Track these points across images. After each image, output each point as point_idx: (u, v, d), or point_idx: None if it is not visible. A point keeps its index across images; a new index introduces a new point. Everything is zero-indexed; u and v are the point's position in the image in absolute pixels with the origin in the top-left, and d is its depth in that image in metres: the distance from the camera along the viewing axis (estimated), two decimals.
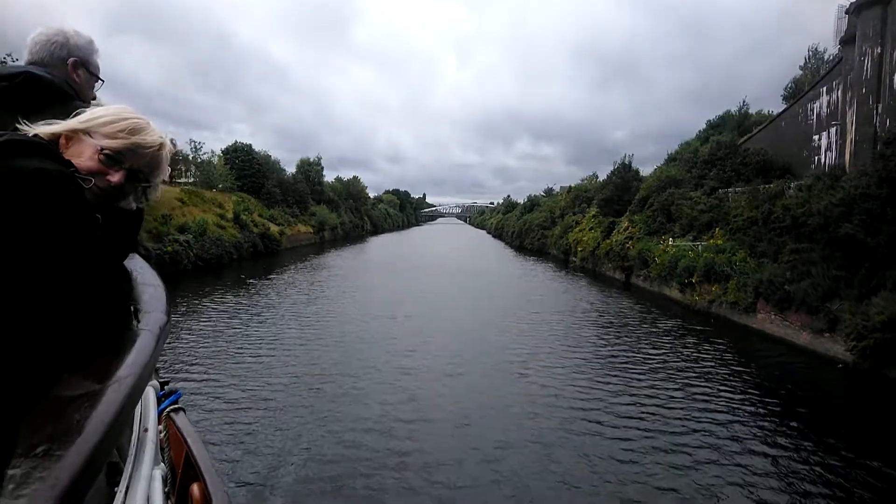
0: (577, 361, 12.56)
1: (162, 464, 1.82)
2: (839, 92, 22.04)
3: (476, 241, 72.24)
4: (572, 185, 63.41)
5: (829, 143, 24.77)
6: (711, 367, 12.63)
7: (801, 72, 42.83)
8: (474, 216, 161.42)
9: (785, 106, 31.69)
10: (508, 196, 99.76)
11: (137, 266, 1.80)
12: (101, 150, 1.16)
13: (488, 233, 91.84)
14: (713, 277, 18.55)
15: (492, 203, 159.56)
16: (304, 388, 10.53)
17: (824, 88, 24.86)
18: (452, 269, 32.35)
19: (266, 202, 50.49)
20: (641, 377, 11.63)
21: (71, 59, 1.71)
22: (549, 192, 67.29)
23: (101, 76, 1.83)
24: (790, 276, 14.74)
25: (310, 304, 19.55)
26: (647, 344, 14.48)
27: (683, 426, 9.03)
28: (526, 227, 54.26)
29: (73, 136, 1.17)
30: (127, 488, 1.31)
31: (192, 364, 11.85)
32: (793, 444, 8.59)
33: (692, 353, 13.80)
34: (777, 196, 18.30)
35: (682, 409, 9.84)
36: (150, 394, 1.80)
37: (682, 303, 20.48)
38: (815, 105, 26.10)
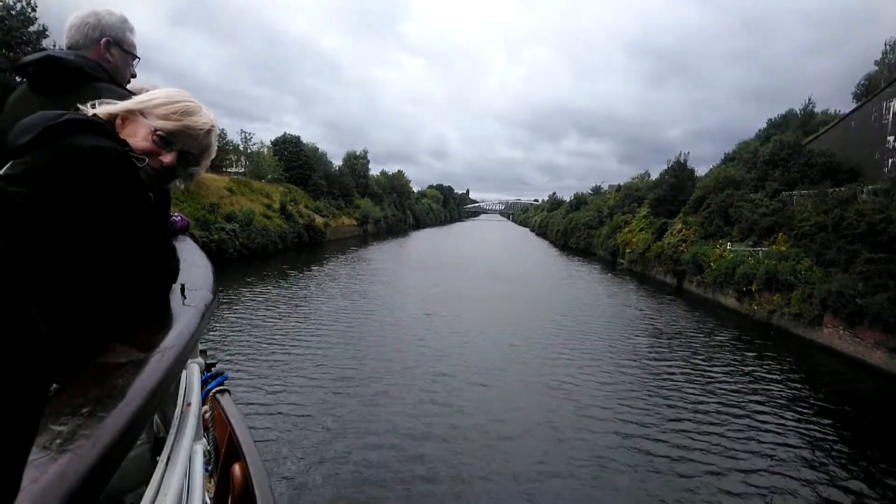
0: (627, 377, 11.80)
1: (204, 439, 1.94)
2: None
3: (518, 238, 71.22)
4: (622, 183, 61.67)
5: None
6: (775, 387, 11.64)
7: (875, 67, 39.99)
8: (518, 213, 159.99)
9: (855, 105, 29.59)
10: (554, 193, 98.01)
11: (187, 247, 1.93)
12: (155, 131, 1.20)
13: (531, 230, 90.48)
14: (775, 286, 17.32)
15: (536, 200, 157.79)
16: (329, 385, 10.27)
17: None
18: (493, 268, 31.79)
19: (312, 194, 51.16)
20: (697, 396, 10.80)
21: (104, 40, 1.71)
22: (596, 190, 65.51)
23: (137, 54, 1.83)
24: (863, 289, 13.50)
25: (346, 299, 19.43)
26: (702, 358, 13.56)
27: (747, 453, 8.23)
28: (572, 225, 52.96)
29: (128, 116, 1.22)
30: (168, 459, 1.34)
31: (227, 349, 11.84)
32: (867, 479, 7.70)
33: (753, 369, 12.81)
34: (849, 201, 16.88)
35: (743, 435, 9.01)
36: (194, 370, 1.84)
37: (738, 312, 19.27)
38: (892, 103, 24.19)
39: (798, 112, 45.31)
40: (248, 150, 46.93)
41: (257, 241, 32.20)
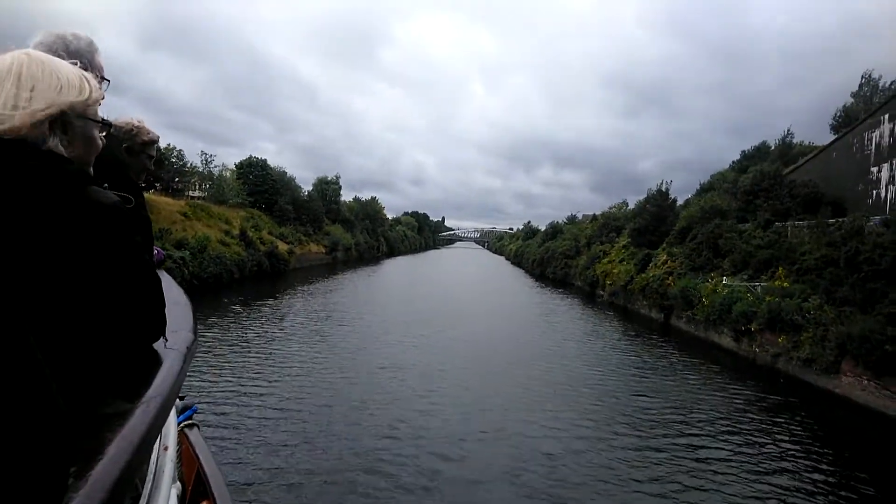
0: (610, 442, 9.66)
1: (178, 482, 1.89)
2: None
3: (494, 268, 69.23)
4: (596, 213, 60.70)
5: (893, 176, 22.13)
6: (793, 453, 9.62)
7: (851, 100, 39.94)
8: (493, 241, 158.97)
9: (833, 136, 29.00)
10: (529, 222, 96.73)
11: (165, 283, 1.70)
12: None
13: (507, 259, 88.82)
14: (779, 326, 15.51)
15: (511, 229, 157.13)
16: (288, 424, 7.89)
17: (886, 116, 22.07)
18: (467, 303, 29.66)
19: (278, 220, 48.57)
20: (698, 465, 8.70)
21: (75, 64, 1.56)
22: (572, 219, 64.37)
23: (106, 76, 1.75)
24: (893, 333, 11.72)
25: (296, 342, 16.96)
26: (700, 413, 11.50)
27: None
28: (548, 254, 51.27)
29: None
30: None
31: None
32: None
33: (763, 426, 10.84)
34: (857, 232, 15.31)
35: None
36: (171, 411, 1.72)
37: (736, 353, 17.40)
38: (873, 134, 23.36)
39: (772, 144, 45.24)
40: (210, 173, 44.20)
41: (210, 271, 29.45)
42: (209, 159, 44.17)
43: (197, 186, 45.21)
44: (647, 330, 22.35)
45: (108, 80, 1.75)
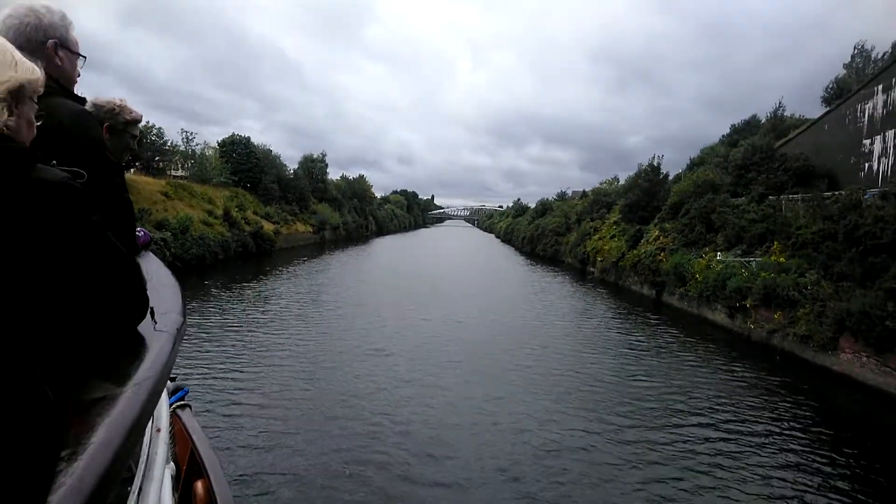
0: (605, 426, 9.30)
1: (171, 463, 1.88)
2: None
3: (484, 246, 68.77)
4: (586, 189, 60.18)
5: (885, 149, 21.83)
6: (794, 433, 9.32)
7: (844, 71, 39.41)
8: (483, 219, 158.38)
9: (825, 109, 28.55)
10: (519, 199, 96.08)
11: (152, 265, 1.88)
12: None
13: (497, 237, 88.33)
14: (775, 302, 15.20)
15: (500, 206, 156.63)
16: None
17: (880, 87, 21.63)
18: (458, 282, 29.21)
19: (263, 199, 47.51)
20: (695, 448, 8.35)
21: (50, 42, 1.53)
22: (562, 196, 63.83)
23: (81, 52, 1.67)
24: (893, 309, 11.39)
25: (281, 327, 16.40)
26: (696, 393, 11.18)
27: None
28: (538, 232, 50.83)
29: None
30: (140, 489, 1.31)
31: None
32: None
33: (761, 405, 10.53)
34: (855, 206, 14.92)
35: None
36: (163, 394, 1.73)
37: (730, 330, 17.12)
38: (866, 106, 22.99)
39: (762, 118, 44.68)
40: (192, 151, 42.93)
41: (192, 252, 28.62)
42: (190, 137, 42.88)
43: (180, 165, 43.96)
44: (639, 307, 22.05)
45: (84, 57, 1.67)
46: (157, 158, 38.59)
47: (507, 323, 17.40)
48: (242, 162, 47.56)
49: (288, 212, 49.94)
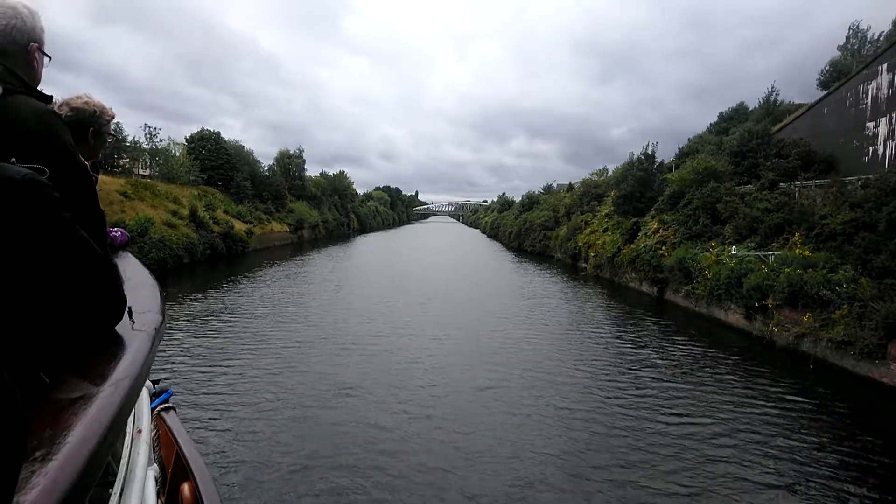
0: (615, 459, 7.30)
1: (154, 464, 1.86)
2: None
3: (470, 242, 66.53)
4: (572, 182, 58.43)
5: (892, 131, 20.39)
6: (839, 457, 7.41)
7: (839, 53, 38.01)
8: (468, 215, 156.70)
9: (821, 93, 27.13)
10: (504, 194, 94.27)
11: (130, 264, 1.91)
12: None
13: (482, 232, 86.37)
14: (802, 302, 13.35)
15: (485, 201, 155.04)
16: None
17: (884, 66, 20.11)
18: (443, 281, 27.15)
19: (235, 197, 44.91)
20: (725, 479, 6.38)
21: (32, 45, 1.48)
22: (548, 189, 61.97)
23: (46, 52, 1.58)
24: None
25: (256, 339, 14.16)
26: (719, 409, 9.24)
27: None
28: (526, 226, 48.85)
29: None
30: (122, 490, 1.30)
31: None
32: None
33: (797, 423, 8.65)
34: (894, 192, 13.11)
35: None
36: (143, 394, 1.77)
37: (748, 333, 15.25)
38: (869, 87, 21.52)
39: (750, 105, 43.48)
40: (155, 148, 40.11)
41: (151, 256, 26.10)
42: (153, 133, 40.00)
43: (149, 164, 41.10)
44: (641, 307, 20.15)
45: (50, 57, 1.59)
46: (115, 157, 35.76)
47: (498, 329, 15.35)
48: (212, 158, 44.89)
49: (262, 210, 47.32)
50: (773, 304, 14.32)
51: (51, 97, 1.49)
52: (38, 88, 1.54)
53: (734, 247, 17.04)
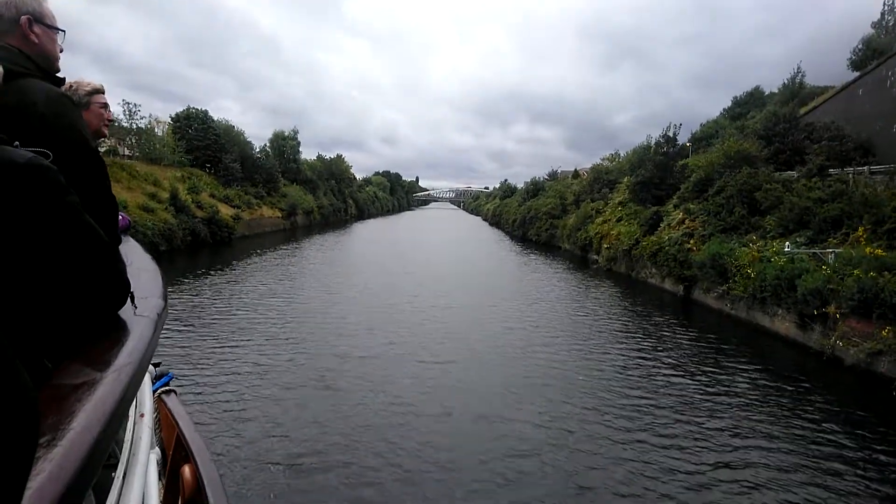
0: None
1: (156, 447, 1.94)
2: None
3: (472, 230, 63.80)
4: (578, 168, 55.82)
5: None
6: None
7: (872, 31, 35.29)
8: (468, 201, 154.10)
9: (854, 74, 24.57)
10: (506, 180, 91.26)
11: (132, 249, 1.84)
12: None
13: (484, 219, 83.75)
14: (878, 312, 10.98)
15: (486, 188, 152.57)
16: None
17: None
18: (446, 275, 24.84)
19: (223, 180, 42.35)
20: None
21: (23, 17, 1.39)
22: (553, 175, 59.36)
23: (59, 26, 1.51)
24: None
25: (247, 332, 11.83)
26: (782, 445, 6.90)
27: None
28: (530, 214, 46.30)
29: None
30: (124, 474, 1.29)
31: None
32: None
33: (881, 464, 6.36)
34: None
35: None
36: (145, 378, 1.70)
37: (802, 345, 12.91)
38: None
39: (766, 90, 41.15)
40: (135, 127, 37.45)
41: None
42: (133, 110, 37.31)
43: (134, 143, 38.44)
44: (665, 307, 17.79)
45: (64, 31, 1.53)
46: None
47: (508, 332, 13.02)
48: (199, 139, 42.25)
49: (253, 194, 44.73)
50: (837, 312, 11.94)
51: (63, 79, 1.46)
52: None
53: (787, 242, 14.57)
